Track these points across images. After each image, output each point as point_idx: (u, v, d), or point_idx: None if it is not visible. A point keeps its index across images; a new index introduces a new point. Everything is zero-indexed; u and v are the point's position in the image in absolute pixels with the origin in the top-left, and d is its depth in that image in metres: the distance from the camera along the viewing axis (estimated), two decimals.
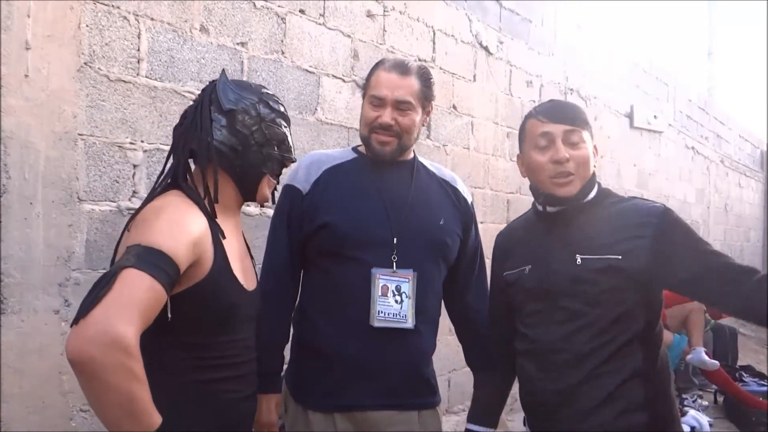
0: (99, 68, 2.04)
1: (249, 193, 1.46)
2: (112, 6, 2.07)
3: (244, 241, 1.53)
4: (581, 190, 1.58)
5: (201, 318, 1.29)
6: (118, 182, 2.10)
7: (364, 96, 1.79)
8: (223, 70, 1.45)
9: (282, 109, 1.47)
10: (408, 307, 1.69)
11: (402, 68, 1.73)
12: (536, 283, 1.59)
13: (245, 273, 1.42)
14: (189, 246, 1.21)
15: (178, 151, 1.38)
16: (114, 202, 2.09)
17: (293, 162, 1.50)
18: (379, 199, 1.72)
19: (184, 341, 1.29)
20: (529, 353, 1.62)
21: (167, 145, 2.04)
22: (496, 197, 4.14)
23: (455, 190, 1.88)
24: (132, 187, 2.13)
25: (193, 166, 1.42)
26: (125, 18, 2.10)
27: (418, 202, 1.76)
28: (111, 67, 2.07)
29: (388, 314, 1.67)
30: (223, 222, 1.37)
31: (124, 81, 2.10)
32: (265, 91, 1.46)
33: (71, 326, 1.06)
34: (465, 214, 1.88)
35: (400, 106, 1.71)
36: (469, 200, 1.91)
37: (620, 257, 1.48)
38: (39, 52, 1.88)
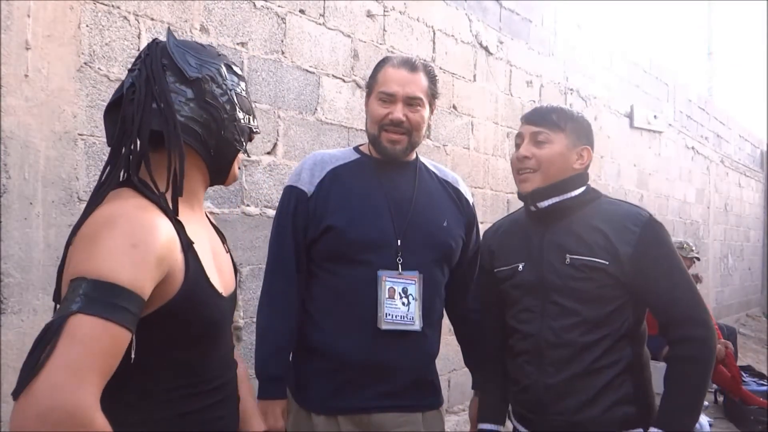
0: (99, 68, 2.04)
1: (220, 176, 1.23)
2: (112, 6, 2.07)
3: (217, 232, 1.31)
4: (547, 187, 1.67)
5: (175, 341, 1.07)
6: None
7: (369, 95, 1.77)
8: (169, 28, 1.23)
9: (242, 72, 1.26)
10: (415, 309, 1.69)
11: (410, 65, 1.73)
12: (532, 279, 1.67)
13: (221, 273, 1.20)
14: (153, 266, 0.97)
15: (132, 135, 1.07)
16: None
17: (258, 134, 1.28)
18: (383, 201, 1.71)
19: (154, 371, 1.06)
20: (523, 349, 1.69)
21: None
22: (496, 197, 4.14)
23: (457, 191, 1.87)
24: None
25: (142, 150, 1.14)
26: (125, 18, 2.10)
27: (422, 203, 1.76)
28: (111, 67, 2.07)
29: (396, 316, 1.66)
30: (189, 215, 1.14)
31: None
32: (221, 52, 1.23)
33: (13, 397, 0.84)
34: (467, 215, 1.87)
35: (411, 102, 1.70)
36: (471, 201, 1.91)
37: (607, 263, 1.57)
38: (39, 52, 1.88)
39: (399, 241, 1.69)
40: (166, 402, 1.08)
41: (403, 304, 1.67)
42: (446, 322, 1.97)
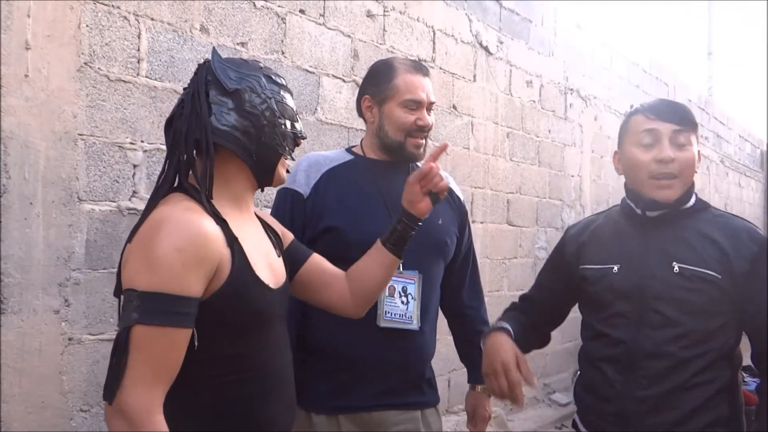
0: (99, 68, 2.04)
1: (265, 179, 1.32)
2: (112, 6, 2.07)
3: (270, 231, 1.41)
4: (683, 195, 1.54)
5: (222, 330, 1.17)
6: (118, 182, 2.10)
7: (383, 101, 1.74)
8: (214, 48, 1.35)
9: (285, 82, 1.35)
10: (414, 309, 1.70)
11: (423, 69, 1.77)
12: (628, 284, 1.55)
13: (272, 269, 1.30)
14: (199, 264, 1.10)
15: (181, 146, 1.22)
16: (114, 202, 2.09)
17: (305, 139, 1.39)
18: (380, 201, 1.72)
19: (201, 359, 1.15)
20: (610, 356, 1.57)
21: None
22: (496, 197, 4.14)
23: (449, 190, 1.88)
24: (132, 187, 2.13)
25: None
26: (125, 18, 2.10)
27: None
28: (111, 67, 2.07)
29: (395, 315, 1.68)
30: (237, 216, 1.25)
31: (124, 81, 2.10)
32: (264, 65, 1.34)
33: (105, 398, 1.06)
34: (460, 212, 1.90)
35: (430, 106, 1.76)
36: (462, 198, 1.93)
37: (720, 276, 1.47)
38: (39, 52, 1.88)
39: None
40: (211, 388, 1.18)
41: (402, 302, 1.68)
42: (447, 322, 1.98)
